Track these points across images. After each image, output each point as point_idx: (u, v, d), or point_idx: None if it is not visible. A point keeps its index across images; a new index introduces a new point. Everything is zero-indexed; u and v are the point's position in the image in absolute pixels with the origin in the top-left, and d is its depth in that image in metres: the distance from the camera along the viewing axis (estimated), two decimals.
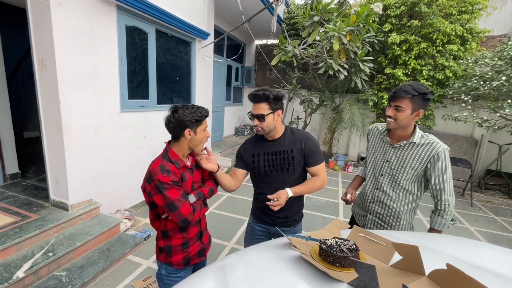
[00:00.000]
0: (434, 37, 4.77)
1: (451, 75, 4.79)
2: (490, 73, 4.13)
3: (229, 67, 6.89)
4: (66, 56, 2.32)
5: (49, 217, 2.40)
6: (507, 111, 3.80)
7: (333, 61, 4.09)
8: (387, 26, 5.16)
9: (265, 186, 1.51)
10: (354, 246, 0.89)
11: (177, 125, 1.23)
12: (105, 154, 2.87)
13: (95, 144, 2.72)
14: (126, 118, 3.10)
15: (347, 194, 1.71)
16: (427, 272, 0.75)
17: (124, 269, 2.35)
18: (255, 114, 1.41)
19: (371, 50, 4.82)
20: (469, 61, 4.54)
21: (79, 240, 2.33)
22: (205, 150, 1.41)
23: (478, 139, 5.59)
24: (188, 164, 1.34)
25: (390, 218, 1.57)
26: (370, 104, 5.61)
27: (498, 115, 4.18)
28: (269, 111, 1.39)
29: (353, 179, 1.87)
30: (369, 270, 0.65)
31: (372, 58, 4.61)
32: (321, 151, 1.58)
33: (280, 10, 6.58)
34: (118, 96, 2.95)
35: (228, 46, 6.74)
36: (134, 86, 3.22)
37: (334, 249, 0.86)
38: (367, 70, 4.46)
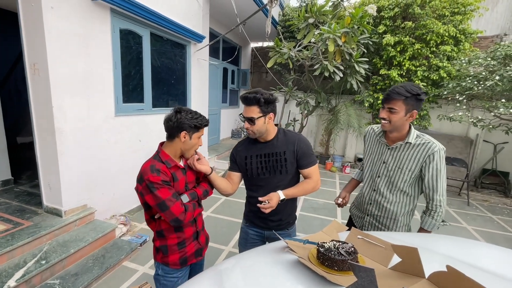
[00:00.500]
0: (428, 38, 4.83)
1: (446, 76, 4.85)
2: (484, 73, 4.17)
3: (225, 70, 6.89)
4: (59, 60, 2.28)
5: (42, 224, 2.35)
6: (501, 110, 3.84)
7: (329, 63, 4.12)
8: (381, 28, 5.21)
9: (258, 189, 1.49)
10: (353, 249, 0.87)
11: (176, 125, 1.25)
12: (100, 159, 2.83)
13: (89, 149, 2.68)
14: (121, 122, 3.07)
15: (339, 198, 1.76)
16: (427, 274, 0.73)
17: (120, 276, 2.31)
18: (246, 117, 1.38)
19: (366, 52, 4.86)
20: (463, 62, 4.60)
21: (73, 247, 2.28)
22: (196, 154, 1.39)
23: (473, 139, 5.64)
24: (181, 164, 1.35)
25: (387, 220, 1.56)
26: (366, 105, 5.65)
27: (493, 115, 4.22)
28: (260, 115, 1.35)
29: (348, 182, 1.88)
30: (368, 274, 0.64)
31: (367, 60, 4.65)
32: (315, 153, 1.57)
33: (275, 13, 6.61)
34: (113, 100, 2.92)
35: (224, 49, 6.75)
36: (129, 90, 3.19)
37: (332, 252, 0.85)
38: (363, 72, 4.49)
